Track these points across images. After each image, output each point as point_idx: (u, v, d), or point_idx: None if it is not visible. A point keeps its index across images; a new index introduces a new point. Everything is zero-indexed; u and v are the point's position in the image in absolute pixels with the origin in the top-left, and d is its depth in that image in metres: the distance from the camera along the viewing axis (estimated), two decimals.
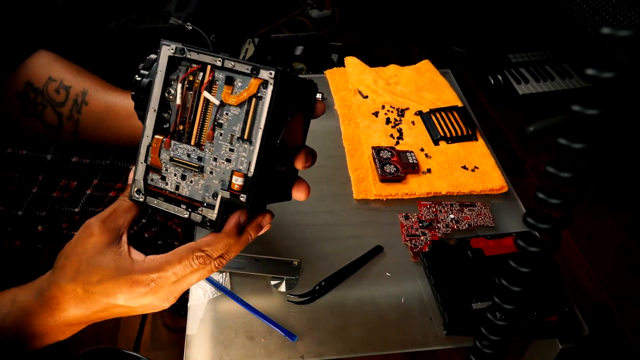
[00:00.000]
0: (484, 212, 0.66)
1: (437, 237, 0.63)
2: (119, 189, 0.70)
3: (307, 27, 2.14)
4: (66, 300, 0.41)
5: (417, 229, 0.64)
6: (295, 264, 0.59)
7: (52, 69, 0.59)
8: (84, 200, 0.69)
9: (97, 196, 0.70)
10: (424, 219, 0.65)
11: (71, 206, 0.69)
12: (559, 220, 0.26)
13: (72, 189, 0.67)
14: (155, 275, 0.40)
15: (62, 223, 0.70)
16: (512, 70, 1.78)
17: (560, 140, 0.22)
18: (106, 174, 0.69)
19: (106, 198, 0.71)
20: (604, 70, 0.20)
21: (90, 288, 0.40)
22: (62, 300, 0.41)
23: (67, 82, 0.59)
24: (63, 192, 0.67)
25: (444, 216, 0.65)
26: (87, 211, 0.70)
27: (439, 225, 0.64)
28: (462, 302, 0.53)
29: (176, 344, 1.11)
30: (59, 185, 0.66)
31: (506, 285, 0.30)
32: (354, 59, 0.92)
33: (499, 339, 0.34)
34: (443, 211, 0.66)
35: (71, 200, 0.68)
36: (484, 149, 0.75)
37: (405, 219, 0.65)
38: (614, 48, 0.85)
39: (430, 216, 0.65)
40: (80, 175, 0.67)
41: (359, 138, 0.76)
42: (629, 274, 1.27)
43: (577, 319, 0.53)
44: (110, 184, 0.70)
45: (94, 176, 0.68)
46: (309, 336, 0.53)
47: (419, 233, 0.63)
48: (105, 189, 0.70)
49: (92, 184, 0.68)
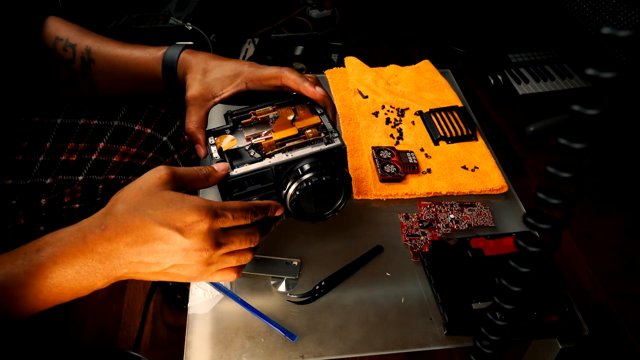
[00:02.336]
0: (484, 212, 0.66)
1: (437, 237, 0.63)
2: (124, 152, 0.72)
3: (307, 27, 2.14)
4: (117, 229, 0.42)
5: (417, 228, 0.64)
6: (295, 264, 0.59)
7: (59, 30, 0.64)
8: (89, 167, 0.71)
9: (102, 161, 0.72)
10: (424, 219, 0.65)
11: (75, 174, 0.71)
12: (559, 220, 0.26)
13: (80, 151, 0.70)
14: (217, 207, 0.44)
15: (65, 196, 0.71)
16: (512, 70, 1.78)
17: (560, 140, 0.22)
18: (113, 136, 0.71)
19: (110, 163, 0.72)
20: (604, 70, 0.20)
21: (150, 216, 0.42)
22: (111, 227, 0.42)
23: (72, 41, 0.64)
24: (70, 155, 0.69)
25: (444, 216, 0.65)
26: (89, 180, 0.72)
27: (439, 225, 0.64)
28: (462, 302, 0.53)
29: (176, 344, 1.11)
30: (67, 149, 0.69)
31: (506, 285, 0.30)
32: (354, 59, 0.92)
33: (499, 339, 0.34)
34: (443, 211, 0.66)
35: (76, 166, 0.70)
36: (484, 149, 0.75)
37: (405, 219, 0.65)
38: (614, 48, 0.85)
39: (430, 216, 0.65)
40: (87, 137, 0.70)
41: (359, 138, 0.76)
42: (629, 274, 1.27)
43: (577, 319, 0.53)
44: (115, 147, 0.72)
45: (100, 138, 0.70)
46: (308, 336, 0.53)
47: (419, 233, 0.63)
48: (111, 153, 0.72)
49: (98, 147, 0.71)
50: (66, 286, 0.42)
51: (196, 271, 0.45)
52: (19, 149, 0.66)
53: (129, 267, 0.43)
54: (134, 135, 0.72)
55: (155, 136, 0.73)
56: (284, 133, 0.56)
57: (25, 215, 0.68)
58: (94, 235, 0.42)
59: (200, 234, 0.43)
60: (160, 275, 0.45)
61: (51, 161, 0.68)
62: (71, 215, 0.74)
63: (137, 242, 0.42)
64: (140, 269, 0.43)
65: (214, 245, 0.44)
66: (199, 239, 0.43)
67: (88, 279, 0.42)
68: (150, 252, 0.42)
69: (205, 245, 0.43)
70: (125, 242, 0.42)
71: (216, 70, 0.60)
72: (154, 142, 0.73)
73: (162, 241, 0.42)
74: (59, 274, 0.41)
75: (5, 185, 0.65)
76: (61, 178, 0.70)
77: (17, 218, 0.67)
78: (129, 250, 0.42)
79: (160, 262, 0.43)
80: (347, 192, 0.56)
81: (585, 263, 1.29)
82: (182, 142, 0.76)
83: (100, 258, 0.42)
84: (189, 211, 0.42)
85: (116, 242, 0.42)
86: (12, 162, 0.66)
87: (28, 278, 0.40)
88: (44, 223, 0.71)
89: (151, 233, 0.42)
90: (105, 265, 0.42)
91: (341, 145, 0.55)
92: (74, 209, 0.74)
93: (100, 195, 0.76)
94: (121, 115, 0.71)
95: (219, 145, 0.56)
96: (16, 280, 0.40)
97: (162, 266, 0.44)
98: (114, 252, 0.42)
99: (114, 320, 1.15)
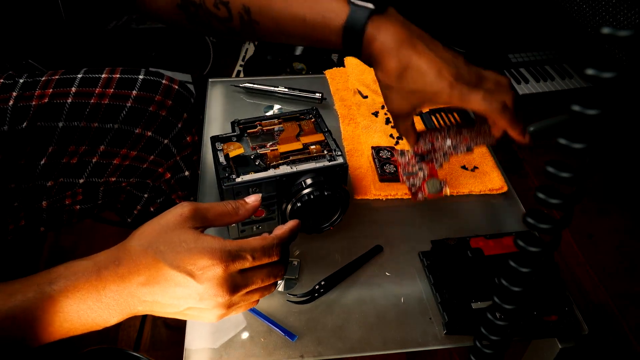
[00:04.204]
0: (484, 129, 0.57)
1: (435, 170, 0.58)
2: (124, 155, 0.72)
3: None
4: (130, 267, 0.39)
5: (413, 165, 0.60)
6: (295, 263, 0.59)
7: None
8: (89, 170, 0.71)
9: (103, 164, 0.72)
10: (420, 151, 0.60)
11: (76, 177, 0.70)
12: (559, 220, 0.26)
13: (80, 153, 0.69)
14: (232, 249, 0.40)
15: (66, 199, 0.71)
16: (512, 70, 1.78)
17: (560, 140, 0.22)
18: (113, 139, 0.71)
19: (110, 166, 0.72)
20: (604, 70, 0.20)
21: (161, 255, 0.39)
22: (124, 264, 0.40)
23: None
24: (71, 158, 0.69)
25: (441, 144, 0.59)
26: (90, 182, 0.72)
27: (437, 156, 0.59)
28: (462, 302, 0.53)
29: (176, 344, 1.11)
30: (68, 151, 0.68)
31: (506, 285, 0.30)
32: (353, 59, 0.92)
33: (498, 339, 0.34)
34: (440, 138, 0.60)
35: (77, 168, 0.70)
36: (484, 149, 0.75)
37: (401, 155, 0.62)
38: (614, 48, 0.85)
39: (427, 146, 0.59)
40: (88, 140, 0.69)
41: (358, 138, 0.76)
42: (629, 274, 1.27)
43: (576, 318, 0.53)
44: (116, 150, 0.71)
45: (101, 142, 0.70)
46: (308, 336, 0.53)
47: (416, 169, 0.60)
48: (111, 156, 0.72)
49: (98, 150, 0.70)
50: (77, 321, 0.40)
51: (214, 315, 0.42)
52: (24, 153, 0.66)
53: (143, 306, 0.41)
54: (135, 138, 0.71)
55: (156, 139, 0.73)
56: (289, 146, 0.58)
57: (27, 217, 0.68)
58: (107, 271, 0.40)
59: (214, 279, 0.39)
60: (178, 315, 0.43)
61: (53, 164, 0.68)
62: (71, 217, 0.75)
63: (149, 282, 0.40)
64: (156, 308, 0.41)
65: (230, 290, 0.40)
66: (213, 284, 0.40)
67: (101, 315, 0.40)
68: (163, 293, 0.40)
69: (219, 291, 0.40)
70: (138, 282, 0.40)
71: (415, 79, 0.49)
72: (154, 145, 0.73)
73: (174, 284, 0.40)
74: (71, 309, 0.39)
75: (9, 189, 0.65)
76: (62, 181, 0.70)
77: (18, 219, 0.68)
78: (142, 290, 0.40)
79: (175, 304, 0.41)
80: (344, 208, 0.58)
81: (585, 263, 1.29)
82: (185, 143, 0.76)
83: (113, 296, 0.40)
84: (200, 254, 0.39)
85: (129, 281, 0.40)
86: (17, 166, 0.66)
87: (39, 311, 0.39)
88: (45, 224, 0.71)
89: (162, 274, 0.39)
90: (119, 302, 0.40)
91: (344, 164, 0.57)
92: (75, 210, 0.74)
93: (102, 198, 0.76)
94: (121, 119, 0.70)
95: (225, 152, 0.57)
96: (28, 312, 0.38)
97: (177, 308, 0.41)
98: (127, 290, 0.40)
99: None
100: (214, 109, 0.82)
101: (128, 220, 0.85)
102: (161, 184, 0.78)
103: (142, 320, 1.14)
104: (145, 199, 0.80)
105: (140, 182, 0.78)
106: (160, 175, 0.77)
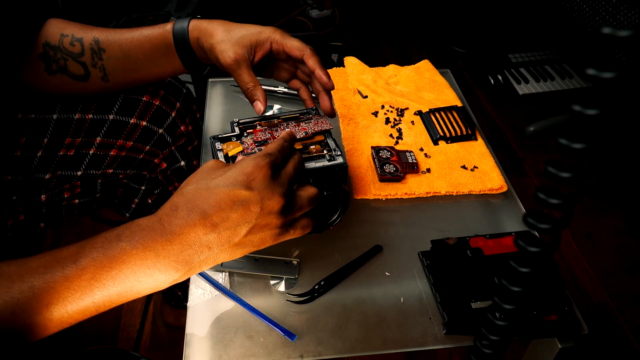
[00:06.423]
0: (321, 121, 0.61)
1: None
2: (120, 146, 0.73)
3: (307, 27, 2.14)
4: (188, 209, 0.42)
5: (252, 149, 0.58)
6: (294, 263, 0.59)
7: (63, 28, 0.64)
8: (87, 162, 0.72)
9: (100, 156, 0.72)
10: (260, 140, 0.59)
11: (73, 169, 0.71)
12: (559, 220, 0.26)
13: (77, 145, 0.70)
14: (263, 152, 0.46)
15: (64, 192, 0.71)
16: (512, 70, 1.78)
17: (560, 140, 0.22)
18: (109, 130, 0.71)
19: (107, 158, 0.73)
20: (604, 70, 0.20)
21: (214, 183, 0.43)
22: (182, 208, 0.42)
23: (78, 35, 0.63)
24: (68, 150, 0.70)
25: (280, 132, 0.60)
26: (88, 175, 0.72)
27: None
28: (462, 302, 0.53)
29: (176, 343, 1.11)
30: (64, 144, 0.69)
31: (506, 285, 0.30)
32: (353, 59, 0.92)
33: (498, 339, 0.34)
34: (279, 130, 0.60)
35: (74, 160, 0.71)
36: (484, 148, 0.75)
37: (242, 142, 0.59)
38: (614, 48, 0.85)
39: (265, 136, 0.59)
40: (84, 132, 0.70)
41: (358, 138, 0.76)
42: (629, 274, 1.27)
43: (576, 318, 0.53)
44: (112, 141, 0.72)
45: (97, 133, 0.71)
46: (308, 335, 0.53)
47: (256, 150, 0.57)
48: (108, 147, 0.72)
49: (95, 142, 0.71)
50: (142, 275, 0.41)
51: (274, 234, 0.45)
52: (18, 145, 0.66)
53: (205, 249, 0.42)
54: (130, 129, 0.72)
55: (151, 129, 0.73)
56: None
57: (26, 211, 0.69)
58: (168, 217, 0.42)
59: (266, 180, 0.44)
60: (238, 250, 0.44)
61: (49, 156, 0.69)
62: (71, 211, 0.75)
63: (207, 213, 0.42)
64: (215, 245, 0.42)
65: (282, 193, 0.44)
66: (266, 185, 0.44)
67: (167, 267, 0.41)
68: (222, 219, 0.42)
69: (274, 194, 0.44)
70: (198, 217, 0.41)
71: (239, 29, 0.61)
72: (149, 135, 0.74)
73: (231, 202, 0.42)
74: (138, 258, 0.40)
75: (5, 181, 0.66)
76: (60, 173, 0.70)
77: (17, 214, 0.68)
78: (203, 226, 0.41)
79: (235, 233, 0.43)
80: (343, 208, 0.58)
81: (585, 263, 1.29)
82: (178, 133, 0.76)
83: (179, 241, 0.41)
84: (244, 164, 0.44)
85: (190, 220, 0.41)
86: (11, 158, 0.66)
87: (108, 261, 0.40)
88: (44, 219, 0.72)
89: (219, 198, 0.42)
90: (184, 247, 0.41)
91: (343, 164, 0.57)
92: (74, 204, 0.74)
93: (100, 191, 0.76)
94: (116, 109, 0.71)
95: (225, 152, 0.57)
96: (98, 263, 0.40)
97: (238, 235, 0.43)
98: (188, 232, 0.41)
99: (114, 320, 1.15)
100: (214, 109, 0.82)
101: (126, 216, 0.85)
102: (157, 175, 0.79)
103: (142, 320, 1.14)
104: (143, 191, 0.81)
105: (137, 174, 0.78)
106: (157, 165, 0.77)
